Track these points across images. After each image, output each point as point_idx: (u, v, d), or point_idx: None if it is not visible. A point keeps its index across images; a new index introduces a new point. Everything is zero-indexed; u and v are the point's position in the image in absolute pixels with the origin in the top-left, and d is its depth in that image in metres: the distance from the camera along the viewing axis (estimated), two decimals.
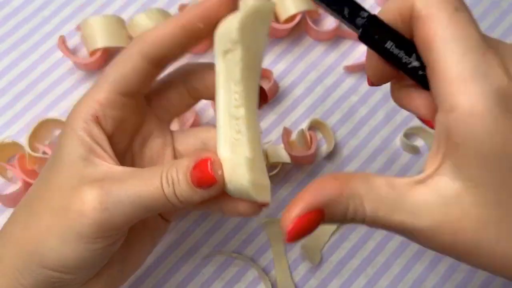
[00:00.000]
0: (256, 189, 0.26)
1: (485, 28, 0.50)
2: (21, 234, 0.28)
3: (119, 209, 0.26)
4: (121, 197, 0.26)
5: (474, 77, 0.22)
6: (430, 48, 0.23)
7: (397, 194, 0.23)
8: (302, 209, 0.24)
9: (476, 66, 0.22)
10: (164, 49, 0.28)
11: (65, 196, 0.27)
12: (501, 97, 0.22)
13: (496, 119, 0.21)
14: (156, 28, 0.28)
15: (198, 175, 0.26)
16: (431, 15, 0.23)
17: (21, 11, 0.49)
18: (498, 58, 0.23)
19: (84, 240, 0.26)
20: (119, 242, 0.29)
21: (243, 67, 0.26)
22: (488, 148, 0.22)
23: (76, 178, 0.27)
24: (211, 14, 0.27)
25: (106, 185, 0.27)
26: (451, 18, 0.23)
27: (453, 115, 0.22)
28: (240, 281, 0.42)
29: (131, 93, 0.29)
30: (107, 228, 0.27)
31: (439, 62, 0.23)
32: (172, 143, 0.33)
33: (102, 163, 0.28)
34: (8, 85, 0.46)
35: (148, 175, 0.27)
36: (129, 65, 0.28)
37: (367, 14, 0.26)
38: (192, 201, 0.27)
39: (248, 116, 0.27)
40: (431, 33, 0.23)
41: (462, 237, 0.23)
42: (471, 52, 0.22)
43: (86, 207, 0.26)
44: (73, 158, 0.28)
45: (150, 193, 0.26)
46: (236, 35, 0.26)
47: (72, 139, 0.28)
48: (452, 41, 0.23)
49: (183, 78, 0.31)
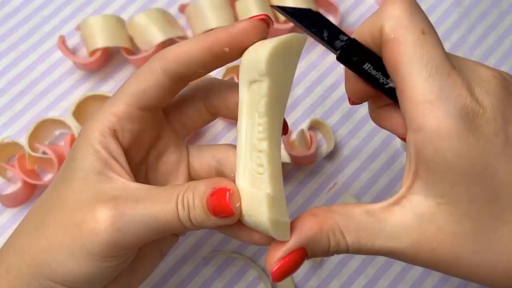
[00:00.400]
0: (275, 226, 0.25)
1: (484, 29, 0.50)
2: (30, 246, 0.27)
3: (131, 230, 0.26)
4: (134, 217, 0.26)
5: (439, 98, 0.23)
6: (398, 71, 0.24)
7: (375, 221, 0.24)
8: (285, 251, 0.25)
9: (441, 87, 0.23)
10: (187, 68, 0.27)
11: (78, 212, 0.26)
12: (465, 116, 0.23)
13: (461, 137, 0.23)
14: (181, 45, 0.27)
15: (215, 203, 0.26)
16: (398, 38, 0.24)
17: (21, 11, 0.49)
18: (462, 77, 0.24)
19: (94, 258, 0.26)
20: (129, 260, 0.28)
21: (269, 99, 0.25)
22: (456, 165, 0.23)
23: (90, 193, 0.27)
24: (239, 39, 0.26)
25: (120, 205, 0.26)
26: (418, 41, 0.24)
27: (421, 135, 0.23)
28: (240, 281, 0.42)
29: (150, 107, 0.28)
30: (118, 248, 0.26)
31: (406, 84, 0.24)
32: (187, 158, 0.32)
33: (117, 179, 0.27)
34: (8, 85, 0.46)
35: (163, 196, 0.26)
36: (150, 80, 0.28)
37: (346, 38, 0.26)
38: (206, 227, 0.27)
39: (271, 150, 0.26)
40: (399, 56, 0.24)
41: (441, 252, 0.24)
42: (436, 74, 0.23)
43: (98, 226, 0.26)
44: (88, 172, 0.27)
45: (164, 215, 0.26)
46: (264, 68, 0.25)
47: (87, 152, 0.27)
48: (418, 64, 0.23)
49: (204, 95, 0.31)
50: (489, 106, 0.23)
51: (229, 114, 0.30)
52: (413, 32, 0.24)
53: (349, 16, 0.50)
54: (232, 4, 0.47)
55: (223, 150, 0.31)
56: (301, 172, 0.45)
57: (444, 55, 0.24)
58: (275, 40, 0.25)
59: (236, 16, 0.47)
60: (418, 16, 0.24)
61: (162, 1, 0.49)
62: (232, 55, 0.27)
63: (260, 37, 0.26)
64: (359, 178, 0.45)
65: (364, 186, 0.45)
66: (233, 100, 0.29)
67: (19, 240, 0.28)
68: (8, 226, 0.42)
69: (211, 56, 0.27)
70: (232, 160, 0.30)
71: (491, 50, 0.50)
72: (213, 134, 0.46)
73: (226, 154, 0.31)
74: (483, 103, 0.23)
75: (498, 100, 0.24)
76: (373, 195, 0.45)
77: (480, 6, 0.51)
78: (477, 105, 0.23)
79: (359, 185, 0.45)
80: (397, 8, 0.24)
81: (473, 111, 0.23)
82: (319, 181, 0.45)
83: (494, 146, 0.23)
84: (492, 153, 0.23)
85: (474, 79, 0.24)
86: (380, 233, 0.24)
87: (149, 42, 0.45)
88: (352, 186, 0.45)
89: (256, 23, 0.26)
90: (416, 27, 0.24)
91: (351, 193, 0.44)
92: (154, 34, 0.45)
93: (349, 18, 0.50)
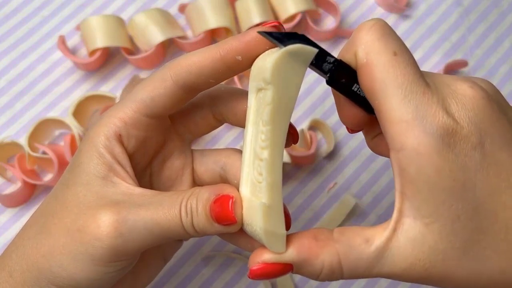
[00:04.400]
0: (269, 237, 0.25)
1: (485, 29, 0.50)
2: (32, 250, 0.27)
3: (134, 236, 0.26)
4: (137, 223, 0.26)
5: (416, 118, 0.23)
6: (374, 94, 0.24)
7: (375, 251, 0.25)
8: (274, 259, 0.25)
9: (417, 106, 0.23)
10: (198, 78, 0.27)
11: (81, 216, 0.26)
12: (443, 133, 0.23)
13: (441, 154, 0.23)
14: (192, 55, 0.27)
15: (218, 210, 0.26)
16: (371, 62, 0.24)
17: (21, 11, 0.49)
18: (437, 94, 0.24)
19: (97, 263, 0.26)
20: (131, 266, 0.28)
21: (273, 108, 0.25)
22: (439, 182, 0.23)
23: (93, 198, 0.27)
24: (251, 47, 0.26)
25: (123, 210, 0.26)
26: (390, 63, 0.24)
27: (402, 154, 0.24)
28: (240, 282, 0.42)
29: (157, 115, 0.28)
30: (121, 254, 0.26)
31: (383, 106, 0.24)
32: (191, 163, 0.32)
33: (121, 183, 0.27)
34: (8, 85, 0.46)
35: (167, 202, 0.26)
36: (160, 88, 0.27)
37: (333, 60, 0.26)
38: (208, 233, 0.27)
39: (272, 159, 0.26)
40: (373, 79, 0.24)
41: (433, 271, 0.24)
42: (411, 93, 0.23)
43: (101, 231, 0.26)
44: (92, 176, 0.27)
45: (167, 221, 0.26)
46: (269, 76, 0.24)
47: (91, 156, 0.27)
48: (392, 85, 0.24)
49: (211, 101, 0.30)
50: (465, 120, 0.24)
51: (236, 122, 0.30)
52: (384, 55, 0.24)
53: (349, 16, 0.50)
54: (232, 4, 0.47)
55: (226, 156, 0.31)
56: (301, 172, 0.45)
57: (417, 74, 0.24)
58: (282, 50, 0.25)
59: (236, 16, 0.47)
60: (389, 38, 0.25)
61: (162, 1, 0.49)
62: (244, 64, 0.27)
63: (272, 45, 0.26)
64: (359, 178, 0.45)
65: (364, 186, 0.45)
66: (240, 108, 0.29)
67: (22, 244, 0.28)
68: (8, 226, 0.42)
69: (223, 65, 0.26)
70: (235, 166, 0.30)
71: (491, 50, 0.50)
72: (213, 134, 0.46)
73: (230, 159, 0.31)
74: (459, 119, 0.24)
75: (475, 114, 0.24)
76: (373, 195, 0.45)
77: (480, 6, 0.51)
78: (453, 122, 0.23)
79: (359, 185, 0.45)
80: (368, 33, 0.25)
81: (450, 128, 0.23)
82: (319, 181, 0.45)
83: (472, 160, 0.23)
84: (471, 167, 0.23)
85: (450, 94, 0.24)
86: (378, 262, 0.25)
87: (149, 42, 0.45)
88: (352, 186, 0.45)
89: (268, 30, 0.26)
90: (387, 49, 0.24)
91: (351, 193, 0.44)
92: (154, 34, 0.45)
93: (349, 18, 0.50)
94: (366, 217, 0.44)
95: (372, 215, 0.44)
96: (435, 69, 0.49)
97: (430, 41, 0.50)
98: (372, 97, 0.25)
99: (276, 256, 0.25)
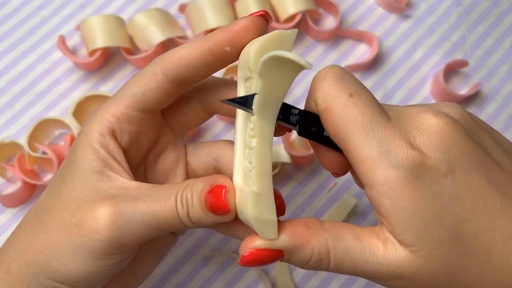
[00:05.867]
0: (259, 224, 0.25)
1: (485, 29, 0.50)
2: (30, 246, 0.27)
3: (132, 228, 0.26)
4: (134, 216, 0.26)
5: (381, 153, 0.24)
6: (338, 136, 0.25)
7: (362, 248, 0.25)
8: (266, 245, 0.26)
9: (379, 142, 0.24)
10: (188, 71, 0.27)
11: (78, 211, 0.27)
12: (410, 165, 0.23)
13: (412, 184, 0.23)
14: (182, 48, 0.27)
15: (212, 200, 0.26)
16: (329, 107, 0.25)
17: (21, 10, 0.49)
18: (399, 128, 0.24)
19: (95, 256, 0.26)
20: (129, 259, 0.29)
21: (259, 97, 0.25)
22: (415, 211, 0.24)
23: (90, 192, 0.27)
24: (239, 38, 0.26)
25: (120, 203, 0.26)
26: (347, 105, 0.24)
27: (375, 189, 0.24)
28: (240, 281, 0.42)
29: (149, 109, 0.29)
30: (118, 246, 0.26)
31: (348, 147, 0.25)
32: (185, 157, 0.32)
33: (116, 178, 0.28)
34: (8, 84, 0.46)
35: (163, 194, 0.27)
36: (151, 82, 0.28)
37: (298, 111, 0.26)
38: (204, 224, 0.27)
39: (261, 147, 0.26)
40: (334, 123, 0.25)
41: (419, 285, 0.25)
42: (372, 131, 0.24)
43: (99, 225, 0.26)
44: (87, 171, 0.27)
45: (164, 213, 0.26)
46: (253, 64, 0.25)
47: (86, 152, 0.28)
48: (352, 125, 0.24)
49: (200, 93, 0.31)
50: (432, 150, 0.24)
51: (226, 112, 0.30)
52: (340, 98, 0.25)
53: (349, 16, 0.50)
54: (232, 4, 0.47)
55: (219, 147, 0.31)
56: (301, 172, 0.45)
57: (376, 110, 0.25)
58: (262, 37, 0.25)
59: (236, 16, 0.47)
60: (343, 81, 0.25)
61: (162, 1, 0.49)
62: (233, 55, 0.27)
63: (260, 34, 0.26)
64: None
65: None
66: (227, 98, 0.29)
67: (19, 240, 0.28)
68: (8, 226, 0.42)
69: (212, 57, 0.27)
70: (228, 157, 0.30)
71: (491, 50, 0.50)
72: (213, 133, 0.46)
73: (222, 150, 0.31)
74: (426, 149, 0.24)
75: (442, 141, 0.24)
76: None
77: (480, 6, 0.51)
78: (419, 153, 0.24)
79: None
80: (323, 80, 0.25)
81: (417, 159, 0.24)
82: (319, 181, 0.45)
83: (444, 187, 0.24)
84: (444, 194, 0.24)
85: (414, 126, 0.25)
86: (363, 263, 0.25)
87: (149, 42, 0.45)
88: (352, 186, 0.45)
89: (255, 19, 0.26)
90: (342, 92, 0.25)
91: (351, 193, 0.44)
92: (154, 34, 0.45)
93: (349, 18, 0.50)
94: (366, 217, 0.44)
95: (372, 215, 0.44)
96: (435, 69, 0.49)
97: (430, 41, 0.50)
98: (337, 139, 0.25)
99: (268, 242, 0.26)
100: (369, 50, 0.49)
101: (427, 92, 0.48)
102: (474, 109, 0.48)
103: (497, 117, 0.48)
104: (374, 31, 0.50)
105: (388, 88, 0.48)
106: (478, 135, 0.26)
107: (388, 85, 0.48)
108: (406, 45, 0.50)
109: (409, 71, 0.49)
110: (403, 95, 0.48)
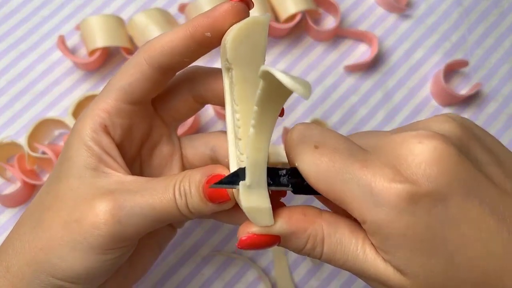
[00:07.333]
0: (253, 213, 0.25)
1: (485, 29, 0.50)
2: (29, 244, 0.27)
3: (132, 221, 0.26)
4: (133, 209, 0.26)
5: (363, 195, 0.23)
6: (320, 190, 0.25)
7: (355, 243, 0.25)
8: (263, 230, 0.26)
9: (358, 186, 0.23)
10: (172, 58, 0.27)
11: (76, 208, 0.27)
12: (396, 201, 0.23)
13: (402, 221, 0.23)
14: (164, 36, 0.27)
15: (211, 190, 0.26)
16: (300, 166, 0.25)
17: (20, 10, 0.48)
18: (378, 163, 0.24)
19: (96, 251, 0.26)
20: (129, 252, 0.29)
21: (241, 86, 0.25)
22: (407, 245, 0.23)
23: (87, 189, 0.27)
24: (219, 23, 0.26)
25: (118, 197, 0.26)
26: (314, 158, 0.24)
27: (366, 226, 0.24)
28: (240, 282, 0.42)
29: (138, 101, 0.29)
30: (119, 240, 0.26)
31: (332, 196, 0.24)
32: (180, 149, 0.32)
33: (112, 173, 0.28)
34: (7, 84, 0.46)
35: (161, 186, 0.27)
36: (136, 73, 0.28)
37: (285, 171, 0.26)
38: (203, 214, 0.27)
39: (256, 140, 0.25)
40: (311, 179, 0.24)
41: None
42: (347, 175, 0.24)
43: (99, 220, 0.26)
44: (83, 169, 0.27)
45: (163, 204, 0.26)
46: (229, 54, 0.25)
47: (80, 149, 0.28)
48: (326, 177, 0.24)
49: (189, 84, 0.31)
50: (421, 179, 0.23)
51: (217, 101, 0.30)
52: (306, 154, 0.24)
53: (349, 16, 0.50)
54: None
55: (215, 137, 0.32)
56: None
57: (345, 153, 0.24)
58: (237, 25, 0.25)
59: None
60: (307, 136, 0.25)
61: (162, 1, 0.49)
62: (214, 40, 0.27)
63: (241, 18, 0.26)
64: None
65: None
66: (218, 87, 0.29)
67: (18, 239, 0.28)
68: (8, 226, 0.42)
69: (194, 43, 0.27)
70: (224, 147, 0.30)
71: (491, 50, 0.50)
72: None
73: (219, 141, 0.31)
74: (414, 180, 0.23)
75: (431, 170, 0.23)
76: None
77: (480, 6, 0.51)
78: (405, 186, 0.23)
79: None
80: (289, 142, 0.26)
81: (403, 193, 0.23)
82: None
83: (437, 216, 0.23)
84: (437, 223, 0.23)
85: (400, 156, 0.23)
86: (353, 259, 0.25)
87: None
88: None
89: (235, 4, 0.26)
90: (307, 146, 0.25)
91: None
92: (154, 34, 0.45)
93: (349, 18, 0.50)
94: None
95: None
96: (435, 69, 0.49)
97: (430, 41, 0.50)
98: (321, 192, 0.25)
99: (265, 227, 0.26)
100: (369, 50, 0.49)
101: (427, 92, 0.48)
102: (474, 109, 0.48)
103: (497, 117, 0.48)
104: (374, 31, 0.50)
105: (388, 88, 0.48)
106: (470, 149, 0.25)
107: (388, 85, 0.48)
108: (406, 45, 0.50)
109: (409, 71, 0.49)
110: (403, 95, 0.48)
